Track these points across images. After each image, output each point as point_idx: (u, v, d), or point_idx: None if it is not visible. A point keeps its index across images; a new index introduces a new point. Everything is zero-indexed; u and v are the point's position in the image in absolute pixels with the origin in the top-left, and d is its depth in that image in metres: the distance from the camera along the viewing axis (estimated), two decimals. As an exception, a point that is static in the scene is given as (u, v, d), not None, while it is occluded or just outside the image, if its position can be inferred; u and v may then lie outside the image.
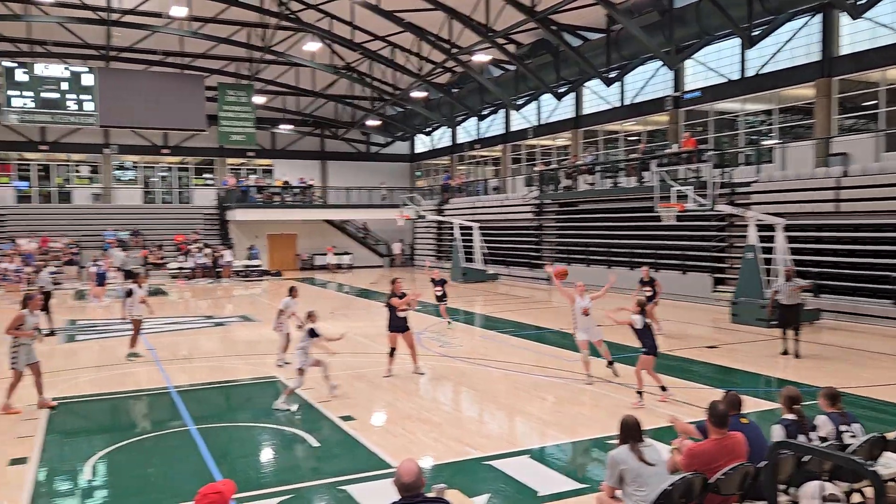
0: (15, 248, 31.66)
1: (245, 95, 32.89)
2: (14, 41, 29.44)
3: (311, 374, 11.83)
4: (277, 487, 6.91)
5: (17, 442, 8.38)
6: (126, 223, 35.91)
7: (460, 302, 23.32)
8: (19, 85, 28.59)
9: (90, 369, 12.67)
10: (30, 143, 36.13)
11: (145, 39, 30.27)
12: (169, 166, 40.17)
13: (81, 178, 38.22)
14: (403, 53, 31.04)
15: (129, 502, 6.63)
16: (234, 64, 33.89)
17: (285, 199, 37.97)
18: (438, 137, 42.26)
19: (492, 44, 26.10)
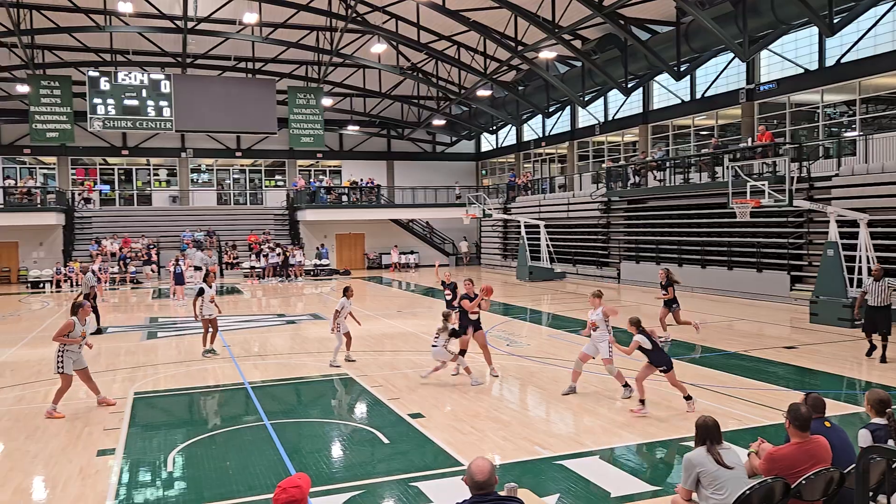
0: (100, 248, 33.18)
1: (314, 98, 33.54)
2: (97, 52, 30.85)
3: (380, 372, 11.98)
4: (349, 482, 7.03)
5: (105, 434, 8.78)
6: (202, 224, 37.18)
7: (527, 301, 23.21)
8: (102, 93, 29.93)
9: (169, 365, 13.16)
10: (112, 149, 37.80)
11: (219, 46, 31.25)
12: (242, 168, 41.37)
13: (160, 182, 39.78)
14: (469, 52, 31.07)
15: (207, 494, 6.85)
16: (303, 67, 34.62)
17: (353, 200, 38.58)
18: (504, 136, 42.13)
19: (558, 40, 25.84)
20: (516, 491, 4.31)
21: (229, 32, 29.30)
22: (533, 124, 38.63)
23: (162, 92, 30.63)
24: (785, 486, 4.79)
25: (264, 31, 29.51)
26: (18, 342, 16.17)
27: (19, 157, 36.97)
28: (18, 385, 11.72)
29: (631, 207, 28.66)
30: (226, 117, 31.95)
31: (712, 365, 12.05)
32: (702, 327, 15.24)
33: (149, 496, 6.88)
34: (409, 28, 29.08)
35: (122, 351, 14.73)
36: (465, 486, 6.55)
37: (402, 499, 6.59)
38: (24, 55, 28.38)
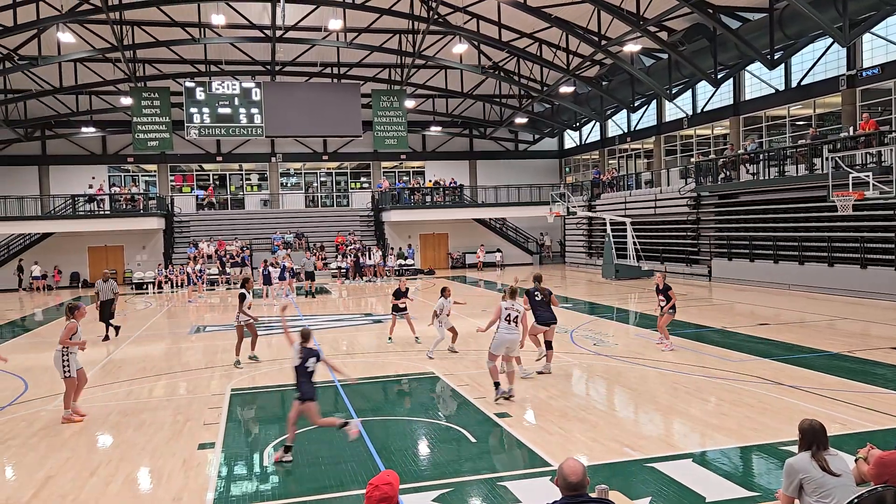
0: (197, 251, 34.75)
1: (397, 100, 34.01)
2: (193, 63, 32.33)
3: (466, 371, 12.02)
4: (437, 480, 7.09)
5: (205, 428, 9.19)
6: (291, 226, 38.35)
7: (613, 299, 22.78)
8: (198, 102, 31.35)
9: (263, 363, 13.63)
10: (207, 155, 39.52)
11: (305, 53, 32.14)
12: (328, 171, 42.43)
13: (252, 186, 41.30)
14: (551, 49, 30.76)
15: (301, 488, 7.06)
16: (386, 70, 35.18)
17: (436, 200, 38.91)
18: (588, 132, 41.50)
19: (643, 32, 25.23)
20: (607, 493, 4.23)
21: (315, 39, 30.09)
22: (617, 119, 37.87)
23: (253, 99, 31.78)
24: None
25: (348, 36, 30.15)
26: (125, 340, 17.13)
27: (123, 166, 39.17)
28: (126, 381, 12.42)
29: (722, 203, 27.68)
30: (313, 122, 32.82)
31: (814, 366, 11.48)
32: (672, 349, 13.40)
33: (246, 489, 7.16)
34: (491, 27, 29.05)
35: (218, 349, 15.37)
36: (553, 487, 6.50)
37: (490, 498, 6.59)
38: (127, 69, 30.05)
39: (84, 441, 8.84)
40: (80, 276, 36.05)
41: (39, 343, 17.46)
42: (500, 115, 40.01)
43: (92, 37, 28.00)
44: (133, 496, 7.01)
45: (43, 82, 31.44)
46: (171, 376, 12.78)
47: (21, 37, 26.69)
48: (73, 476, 7.49)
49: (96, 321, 17.72)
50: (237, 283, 33.06)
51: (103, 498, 6.89)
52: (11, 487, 7.27)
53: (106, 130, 37.26)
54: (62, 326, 9.93)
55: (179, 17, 27.67)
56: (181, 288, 31.95)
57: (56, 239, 35.38)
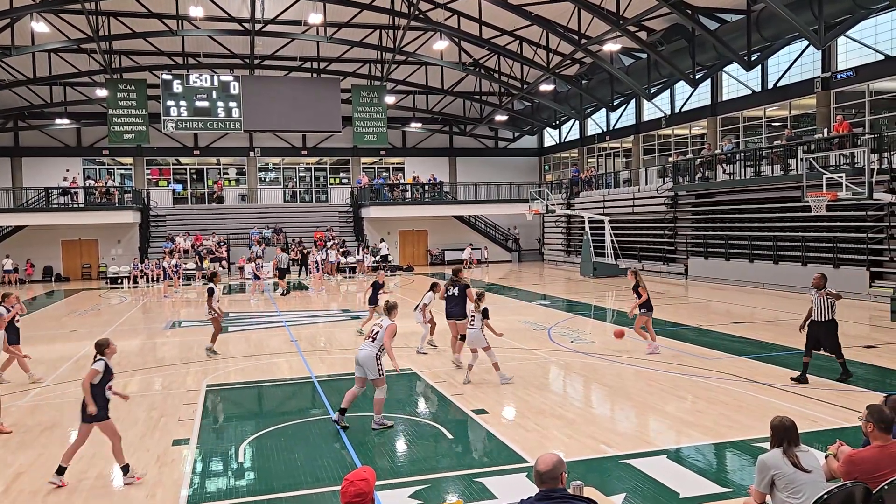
0: (174, 245, 34.39)
1: (377, 96, 33.87)
2: (170, 55, 31.94)
3: (443, 368, 12.01)
4: (413, 476, 7.09)
5: (179, 424, 9.11)
6: (270, 221, 38.09)
7: (591, 297, 22.92)
8: (175, 95, 30.94)
9: (239, 359, 13.53)
10: (184, 149, 39.10)
11: (285, 47, 31.91)
12: (307, 167, 42.19)
13: (229, 180, 40.92)
14: (531, 47, 30.83)
15: (276, 484, 7.02)
16: (366, 66, 35.03)
17: (416, 196, 38.86)
18: (567, 130, 41.67)
19: (623, 32, 25.37)
20: (582, 489, 4.26)
21: (295, 33, 29.87)
22: (597, 118, 38.08)
23: (231, 93, 31.47)
24: (866, 490, 4.59)
25: (328, 30, 29.96)
26: (99, 335, 16.88)
27: (98, 159, 38.63)
28: (99, 376, 12.22)
29: (699, 202, 27.96)
30: (292, 117, 32.59)
31: (787, 364, 11.64)
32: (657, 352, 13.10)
33: (221, 485, 7.10)
34: (472, 24, 29.04)
35: (195, 344, 15.23)
36: (528, 483, 6.53)
37: (466, 494, 6.60)
38: (103, 60, 29.61)
39: (56, 437, 8.72)
40: (52, 269, 35.49)
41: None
42: (481, 112, 40.05)
43: (67, 27, 27.56)
44: (106, 493, 6.93)
45: (16, 72, 30.88)
46: (146, 372, 12.64)
47: (-7, 26, 26.20)
48: (45, 473, 7.37)
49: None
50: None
51: (75, 495, 6.80)
52: (-20, 484, 7.15)
53: (80, 122, 36.72)
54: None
55: (157, 8, 27.31)
56: (156, 283, 31.60)
57: (29, 232, 34.77)
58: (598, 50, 28.50)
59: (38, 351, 15.02)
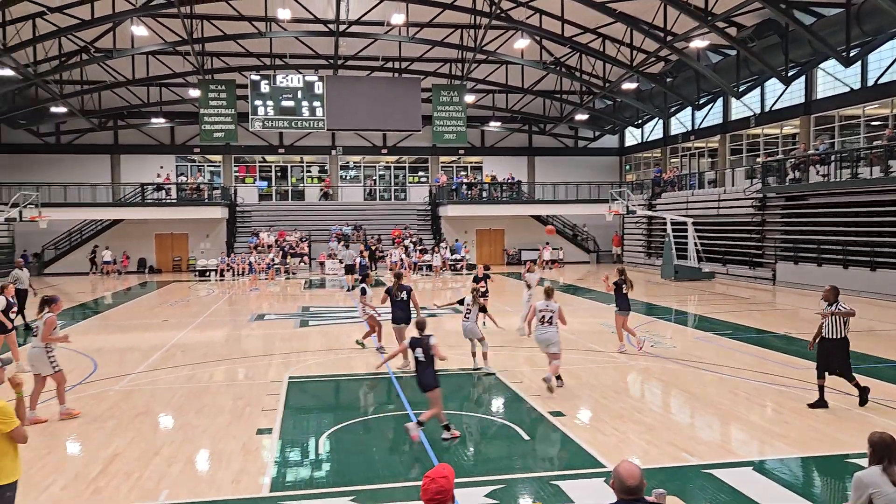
0: (258, 240, 35.55)
1: (457, 95, 34.01)
2: (259, 56, 33.00)
3: (519, 368, 11.95)
4: (489, 476, 7.09)
5: (263, 414, 9.41)
6: (350, 218, 38.85)
7: (672, 301, 22.33)
8: (262, 95, 31.98)
9: (320, 352, 13.86)
10: (270, 147, 40.33)
11: (368, 47, 32.45)
12: (387, 165, 42.79)
13: (312, 178, 41.99)
14: (614, 44, 30.27)
15: (354, 478, 7.15)
16: (447, 65, 35.21)
17: (493, 195, 38.83)
18: (650, 129, 40.73)
19: (711, 28, 24.58)
20: (665, 498, 4.16)
21: (378, 34, 30.34)
22: (681, 117, 37.05)
23: (315, 93, 32.25)
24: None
25: (410, 30, 30.27)
26: (188, 326, 17.66)
27: (190, 156, 40.31)
28: (189, 365, 12.80)
29: (789, 204, 26.80)
30: (373, 116, 33.13)
31: (884, 377, 11.03)
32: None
33: (301, 475, 7.30)
34: (553, 22, 28.76)
35: (277, 337, 15.70)
36: (606, 488, 6.43)
37: (542, 496, 6.56)
38: (196, 62, 30.87)
39: (149, 422, 9.16)
40: (146, 261, 37.30)
41: (108, 325, 18.17)
42: (561, 111, 39.62)
43: (163, 30, 28.86)
44: (194, 476, 7.23)
45: (117, 74, 32.57)
46: (231, 362, 13.12)
47: (97, 30, 27.71)
48: (138, 455, 7.77)
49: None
50: (295, 273, 33.72)
51: (166, 477, 7.12)
52: (80, 463, 7.59)
53: (174, 121, 38.39)
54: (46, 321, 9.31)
55: (247, 11, 28.26)
56: (242, 276, 32.76)
57: (125, 225, 36.69)
58: (684, 47, 27.72)
59: (131, 339, 15.83)
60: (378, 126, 35.10)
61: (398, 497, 6.58)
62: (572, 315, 18.67)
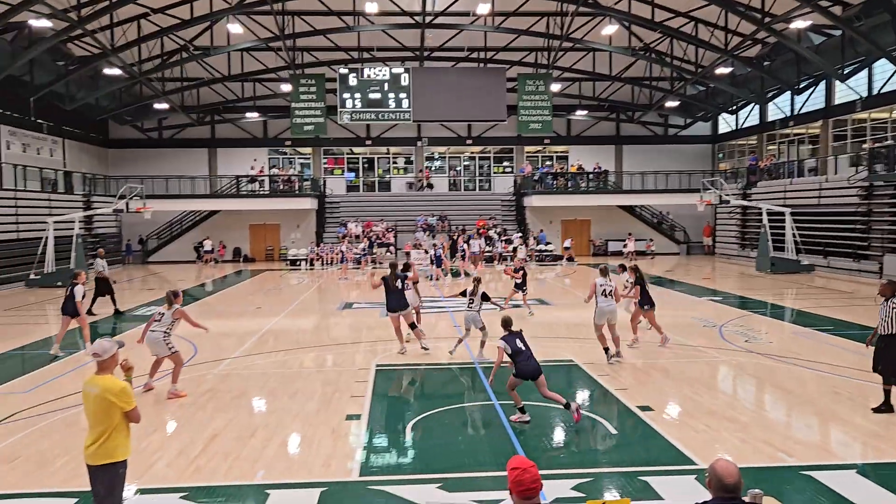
0: (347, 230, 36.37)
1: (543, 84, 33.66)
2: (347, 50, 33.66)
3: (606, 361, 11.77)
4: (575, 469, 7.04)
5: (352, 400, 9.65)
6: (435, 209, 39.17)
7: (768, 294, 21.42)
8: (350, 88, 32.66)
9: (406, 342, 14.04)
10: (357, 139, 41.11)
11: (453, 38, 32.52)
12: (472, 155, 42.85)
13: (398, 169, 42.55)
14: (707, 28, 29.16)
15: (441, 465, 7.25)
16: (532, 54, 34.87)
17: (580, 185, 38.26)
18: (745, 116, 39.08)
19: (813, 7, 23.31)
20: (762, 498, 4.02)
21: (463, 24, 30.36)
22: (779, 102, 35.36)
23: (401, 85, 32.64)
24: None
25: (496, 20, 30.15)
26: (280, 313, 18.29)
27: (281, 149, 41.61)
28: (281, 351, 13.27)
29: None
30: (458, 106, 33.24)
31: None
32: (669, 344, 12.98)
33: (389, 461, 7.46)
34: (643, 7, 27.98)
35: (364, 326, 16.05)
36: (697, 486, 6.27)
37: (630, 491, 6.46)
38: (287, 57, 31.80)
39: (244, 405, 9.57)
40: (241, 251, 38.84)
41: (207, 312, 19.03)
42: (650, 98, 38.57)
43: (257, 27, 29.84)
44: (288, 459, 7.51)
45: (214, 71, 33.95)
46: (320, 349, 13.51)
47: (195, 29, 28.94)
48: (235, 436, 8.13)
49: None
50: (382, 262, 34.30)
51: (261, 459, 7.42)
52: (183, 442, 8.01)
53: (267, 115, 39.67)
54: (179, 311, 10.45)
55: (336, 6, 28.85)
56: (331, 266, 33.63)
57: (222, 216, 38.28)
58: (783, 28, 26.43)
59: (228, 325, 16.52)
60: (463, 117, 35.24)
61: (485, 486, 6.62)
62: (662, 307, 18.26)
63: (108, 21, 26.08)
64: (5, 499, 6.41)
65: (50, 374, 11.45)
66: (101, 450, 5.06)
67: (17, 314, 19.03)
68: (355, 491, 6.62)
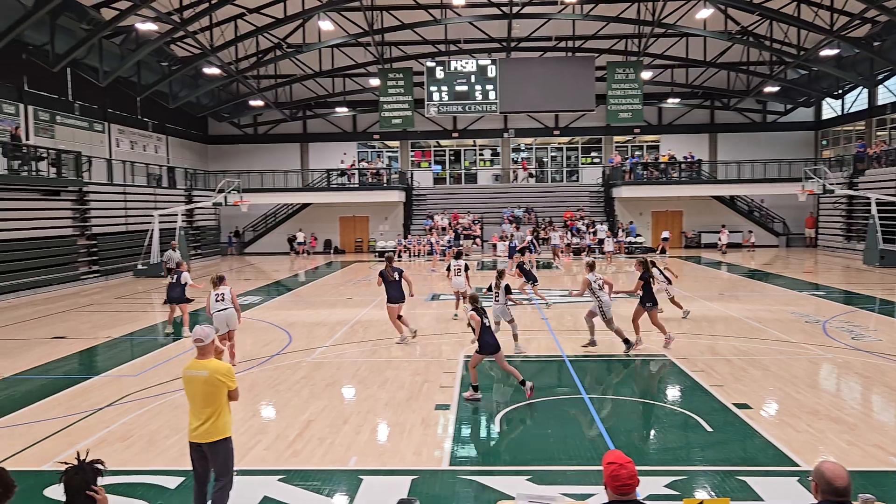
0: (433, 223, 36.70)
1: (633, 72, 32.86)
2: (434, 43, 33.88)
3: (700, 357, 11.44)
4: (669, 466, 6.88)
5: (441, 391, 9.76)
6: (521, 201, 38.97)
7: (876, 289, 20.22)
8: (437, 81, 32.89)
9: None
10: (444, 132, 41.34)
11: (541, 28, 32.18)
12: (559, 146, 42.34)
13: (484, 161, 42.54)
14: (811, 8, 27.67)
15: (530, 456, 7.23)
16: (622, 41, 34.08)
17: (671, 175, 37.16)
18: (851, 100, 36.89)
19: (929, -18, 21.75)
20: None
21: (551, 13, 29.98)
22: (891, 85, 33.18)
23: (488, 76, 32.59)
24: None
25: (585, 8, 29.63)
26: (370, 304, 18.65)
27: (370, 143, 42.36)
28: (371, 341, 13.55)
29: None
30: (546, 97, 32.91)
31: None
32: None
33: (478, 451, 7.51)
34: (740, -12, 26.85)
35: (447, 317, 16.16)
36: (799, 488, 6.02)
37: (727, 491, 6.25)
38: (376, 52, 32.31)
39: (337, 392, 9.84)
40: (331, 242, 39.85)
41: (300, 302, 19.64)
42: (747, 84, 36.98)
43: (347, 23, 30.44)
44: (379, 445, 7.68)
45: (305, 67, 34.89)
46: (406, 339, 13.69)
47: (288, 27, 29.82)
48: (329, 422, 8.38)
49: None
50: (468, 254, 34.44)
51: (354, 445, 7.62)
52: (280, 426, 8.31)
53: (356, 110, 40.45)
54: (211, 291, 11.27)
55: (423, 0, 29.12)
56: (418, 257, 34.04)
57: (313, 209, 39.37)
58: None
59: (320, 315, 16.99)
60: (550, 107, 34.87)
61: (573, 480, 6.57)
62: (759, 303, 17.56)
63: (207, 22, 27.25)
64: (121, 475, 6.83)
65: (158, 359, 12.12)
66: (214, 427, 5.41)
67: (127, 302, 20.21)
68: (446, 480, 6.70)
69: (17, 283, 21.27)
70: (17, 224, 22.03)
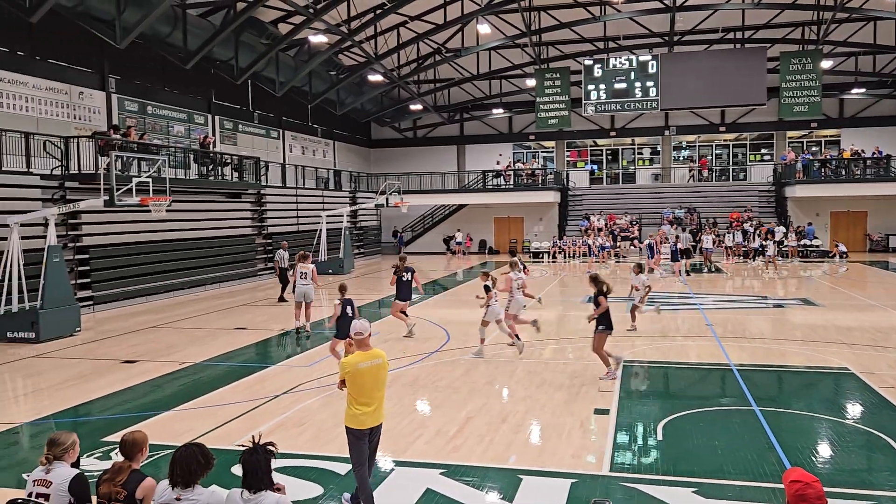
0: (589, 224, 36.11)
1: (810, 62, 30.48)
2: (591, 41, 33.31)
3: (890, 371, 10.46)
4: (853, 489, 6.34)
5: (600, 395, 9.60)
6: (682, 201, 37.38)
7: None
8: (595, 79, 32.32)
9: (655, 338, 13.64)
10: (601, 131, 40.54)
11: (706, 19, 30.68)
12: (724, 143, 40.15)
13: (643, 160, 41.22)
14: None
15: (696, 468, 6.93)
16: (798, 29, 31.71)
17: (854, 173, 34.05)
18: None
19: None
20: None
21: (719, 3, 28.51)
22: None
23: (648, 73, 31.58)
24: None
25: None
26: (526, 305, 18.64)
27: (525, 143, 42.40)
28: (526, 341, 13.55)
29: None
30: (711, 92, 31.39)
31: None
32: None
33: (640, 459, 7.30)
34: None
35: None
36: None
37: (924, 522, 5.67)
38: (532, 52, 32.31)
39: (495, 391, 9.97)
40: (486, 243, 40.34)
41: (455, 301, 20.07)
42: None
43: (504, 25, 30.69)
44: (538, 447, 7.69)
45: (463, 70, 35.58)
46: (561, 341, 13.62)
47: (447, 32, 30.55)
48: (488, 420, 8.51)
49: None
50: (626, 256, 33.56)
51: (513, 444, 7.69)
52: (441, 421, 8.55)
53: (512, 111, 40.66)
54: None
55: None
56: (573, 258, 33.63)
57: (469, 210, 40.06)
58: None
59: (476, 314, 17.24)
60: (716, 102, 33.24)
61: (748, 496, 6.21)
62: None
63: (372, 31, 28.55)
64: (296, 458, 7.35)
65: (323, 353, 12.87)
66: (381, 410, 5.99)
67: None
68: (607, 486, 6.58)
69: (204, 277, 23.42)
70: (205, 224, 24.25)
